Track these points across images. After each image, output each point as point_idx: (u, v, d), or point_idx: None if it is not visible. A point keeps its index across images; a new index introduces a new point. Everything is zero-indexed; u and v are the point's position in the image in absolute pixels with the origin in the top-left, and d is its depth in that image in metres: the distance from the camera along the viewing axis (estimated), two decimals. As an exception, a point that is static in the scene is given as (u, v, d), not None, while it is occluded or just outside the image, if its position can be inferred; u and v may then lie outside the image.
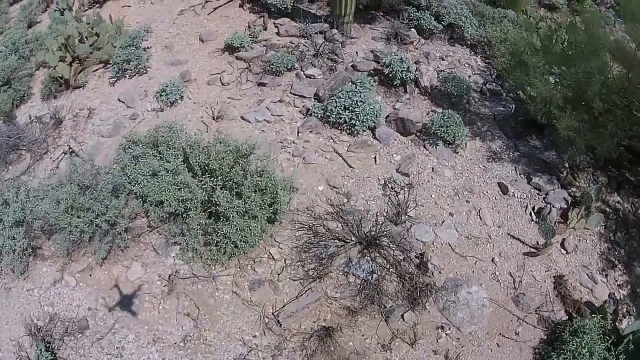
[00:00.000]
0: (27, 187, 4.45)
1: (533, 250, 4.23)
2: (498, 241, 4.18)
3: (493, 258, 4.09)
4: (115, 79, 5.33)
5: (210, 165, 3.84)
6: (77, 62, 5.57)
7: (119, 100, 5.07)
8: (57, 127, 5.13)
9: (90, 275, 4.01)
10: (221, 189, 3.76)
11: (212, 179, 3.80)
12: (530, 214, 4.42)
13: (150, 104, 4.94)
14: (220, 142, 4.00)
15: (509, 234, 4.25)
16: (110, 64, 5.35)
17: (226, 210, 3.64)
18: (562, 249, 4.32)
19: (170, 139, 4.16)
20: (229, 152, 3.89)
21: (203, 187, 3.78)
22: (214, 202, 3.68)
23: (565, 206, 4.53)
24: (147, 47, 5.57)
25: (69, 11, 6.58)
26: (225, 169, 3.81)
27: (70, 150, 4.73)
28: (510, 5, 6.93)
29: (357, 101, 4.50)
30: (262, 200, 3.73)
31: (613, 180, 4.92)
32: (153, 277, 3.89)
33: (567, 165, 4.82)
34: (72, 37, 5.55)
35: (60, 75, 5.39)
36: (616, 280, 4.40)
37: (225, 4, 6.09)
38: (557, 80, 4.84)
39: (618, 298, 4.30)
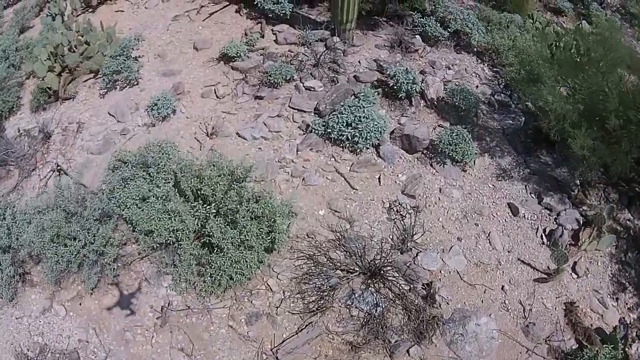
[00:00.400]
0: (14, 210, 4.02)
1: (544, 276, 3.82)
2: (508, 267, 3.77)
3: (503, 286, 3.69)
4: (105, 91, 4.82)
5: (202, 191, 3.39)
6: (67, 72, 5.04)
7: (109, 114, 4.58)
8: (45, 141, 4.65)
9: (80, 304, 3.61)
10: (215, 216, 3.33)
11: (205, 205, 3.36)
12: (541, 236, 4.00)
13: (141, 119, 4.44)
14: (213, 165, 3.53)
15: (519, 259, 3.84)
16: (100, 74, 4.83)
17: (220, 241, 3.21)
18: (573, 273, 3.92)
19: (160, 161, 3.70)
20: (222, 176, 3.44)
21: (195, 214, 3.35)
22: (207, 232, 3.25)
23: (577, 227, 4.11)
24: (139, 56, 5.04)
25: (61, 17, 6.00)
26: (218, 195, 3.36)
27: (58, 168, 4.27)
28: (516, 9, 6.36)
29: (360, 117, 4.02)
30: (259, 230, 3.30)
31: (624, 195, 4.49)
32: (145, 309, 3.49)
33: (578, 182, 4.38)
34: (61, 46, 5.01)
35: (49, 87, 4.88)
36: (626, 304, 4.03)
37: (221, 9, 5.52)
38: (569, 93, 4.35)
39: (628, 322, 3.93)
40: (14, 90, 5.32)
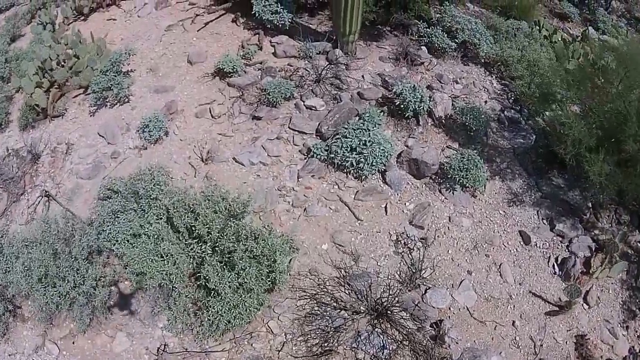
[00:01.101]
0: (2, 241, 3.56)
1: (555, 308, 3.43)
2: (519, 301, 3.38)
3: (514, 321, 3.30)
4: (95, 108, 4.27)
5: (197, 229, 2.93)
6: (56, 87, 4.48)
7: (99, 135, 4.06)
8: (34, 163, 4.15)
9: (73, 343, 3.22)
10: (210, 256, 2.88)
11: (200, 243, 2.91)
12: (553, 266, 3.59)
13: (132, 141, 3.93)
14: (208, 199, 3.06)
15: (530, 292, 3.44)
16: (90, 90, 4.27)
17: (217, 285, 2.78)
18: (584, 304, 3.54)
19: (152, 192, 3.22)
20: (218, 212, 2.97)
21: (190, 253, 2.90)
22: (203, 275, 2.82)
23: (589, 254, 3.70)
24: (131, 70, 4.46)
25: (52, 25, 5.35)
26: (214, 233, 2.91)
27: (47, 193, 3.78)
28: (522, 15, 5.75)
29: (365, 141, 3.52)
30: (259, 271, 2.87)
31: (635, 216, 4.07)
32: (140, 350, 3.10)
33: (590, 204, 3.94)
34: (49, 60, 4.42)
35: (37, 104, 4.32)
36: (636, 332, 3.67)
37: (216, 19, 4.89)
38: (582, 112, 3.85)
39: (637, 350, 3.58)
40: (2, 105, 4.77)
